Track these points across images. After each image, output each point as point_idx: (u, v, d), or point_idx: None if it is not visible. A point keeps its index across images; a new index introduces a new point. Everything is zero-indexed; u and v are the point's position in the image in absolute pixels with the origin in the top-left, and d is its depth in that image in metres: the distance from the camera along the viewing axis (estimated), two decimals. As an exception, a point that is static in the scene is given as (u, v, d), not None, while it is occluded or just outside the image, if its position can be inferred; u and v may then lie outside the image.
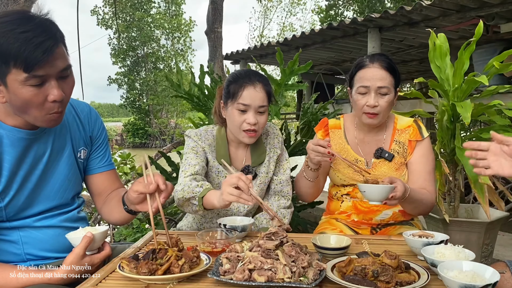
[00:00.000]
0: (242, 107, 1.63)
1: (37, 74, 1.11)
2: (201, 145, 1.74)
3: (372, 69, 1.71)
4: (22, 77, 1.10)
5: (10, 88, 1.13)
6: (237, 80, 1.66)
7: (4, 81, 1.12)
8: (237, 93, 1.64)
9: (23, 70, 1.09)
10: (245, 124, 1.64)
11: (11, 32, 1.08)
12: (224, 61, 7.19)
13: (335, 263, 1.17)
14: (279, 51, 2.71)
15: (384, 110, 1.72)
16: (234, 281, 1.07)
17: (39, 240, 1.33)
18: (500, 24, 4.06)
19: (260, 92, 1.64)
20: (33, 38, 1.09)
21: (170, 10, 27.77)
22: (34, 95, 1.14)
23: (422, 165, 1.77)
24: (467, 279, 1.00)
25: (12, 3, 3.64)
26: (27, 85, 1.12)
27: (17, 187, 1.27)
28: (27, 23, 1.10)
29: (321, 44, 5.33)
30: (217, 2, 7.14)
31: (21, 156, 1.27)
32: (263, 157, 1.79)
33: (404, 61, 6.42)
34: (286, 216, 1.81)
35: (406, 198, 1.58)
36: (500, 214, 2.54)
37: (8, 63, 1.09)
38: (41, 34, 1.10)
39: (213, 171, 1.75)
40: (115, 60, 27.68)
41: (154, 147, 24.81)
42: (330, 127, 1.91)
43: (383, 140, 1.83)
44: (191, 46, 28.83)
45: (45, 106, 1.18)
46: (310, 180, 1.75)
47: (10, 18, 1.11)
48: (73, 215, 1.43)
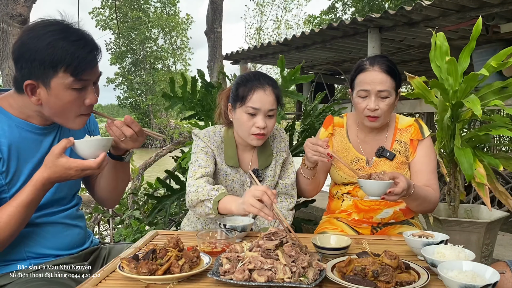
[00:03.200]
0: (251, 110, 1.61)
1: (82, 78, 1.23)
2: (210, 147, 1.73)
3: (372, 72, 1.71)
4: (68, 81, 1.21)
5: (53, 91, 1.22)
6: (246, 83, 1.64)
7: (48, 84, 1.21)
8: (247, 96, 1.62)
9: (70, 74, 1.20)
10: (254, 128, 1.62)
11: (63, 40, 1.19)
12: (224, 61, 7.19)
13: (335, 263, 1.17)
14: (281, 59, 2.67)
15: (384, 113, 1.73)
16: (234, 281, 1.06)
17: (40, 237, 1.35)
18: (500, 24, 4.06)
19: (270, 96, 1.62)
20: (85, 46, 1.22)
21: (166, 10, 27.78)
22: (76, 99, 1.25)
23: (426, 165, 1.78)
24: (467, 279, 1.00)
25: (12, 3, 3.64)
26: (71, 89, 1.22)
27: (24, 179, 1.29)
28: (74, 32, 1.23)
29: (321, 44, 5.32)
30: (216, 2, 7.14)
31: (33, 150, 1.32)
32: (270, 160, 1.79)
33: (404, 61, 6.42)
34: (287, 217, 1.81)
35: (411, 195, 1.58)
36: (500, 214, 2.53)
37: (57, 68, 1.19)
38: (89, 43, 1.24)
39: (220, 174, 1.74)
40: (113, 61, 27.68)
41: (154, 147, 24.79)
42: (334, 125, 1.92)
43: (384, 139, 1.83)
44: (188, 45, 28.83)
45: (80, 109, 1.28)
46: (307, 177, 1.76)
47: (58, 27, 1.22)
48: (72, 212, 1.46)
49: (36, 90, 1.23)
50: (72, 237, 1.42)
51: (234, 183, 1.75)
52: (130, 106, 28.23)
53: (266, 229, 1.42)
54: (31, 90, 1.23)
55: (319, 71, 7.17)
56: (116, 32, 26.03)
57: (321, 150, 1.57)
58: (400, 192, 1.49)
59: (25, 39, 1.20)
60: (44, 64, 1.18)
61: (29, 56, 1.19)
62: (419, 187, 1.64)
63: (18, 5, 3.65)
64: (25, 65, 1.20)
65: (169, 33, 27.91)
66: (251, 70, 2.02)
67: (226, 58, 6.95)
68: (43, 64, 1.18)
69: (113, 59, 27.71)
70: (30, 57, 1.18)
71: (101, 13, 26.99)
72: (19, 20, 3.66)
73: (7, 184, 1.27)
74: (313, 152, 1.60)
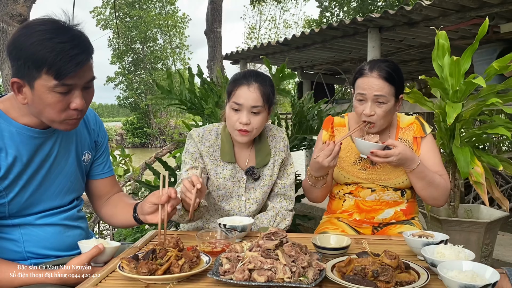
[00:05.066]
0: (235, 106, 1.64)
1: (66, 83, 1.17)
2: (200, 149, 1.74)
3: (370, 78, 1.71)
4: (51, 84, 1.16)
5: (36, 92, 1.18)
6: (235, 80, 1.69)
7: (32, 84, 1.17)
8: (231, 92, 1.67)
9: (53, 77, 1.15)
10: (237, 124, 1.64)
11: (49, 41, 1.14)
12: (224, 61, 7.18)
13: (335, 263, 1.17)
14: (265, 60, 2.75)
15: (381, 119, 1.74)
16: (234, 281, 1.07)
17: (40, 238, 1.34)
18: (500, 24, 4.06)
19: (253, 92, 1.63)
20: (69, 49, 1.15)
21: (165, 9, 27.75)
22: (58, 102, 1.20)
23: (431, 159, 1.79)
24: (467, 279, 1.00)
25: (12, 3, 3.64)
26: (54, 92, 1.18)
27: (22, 184, 1.29)
28: (64, 33, 1.17)
29: (321, 44, 5.32)
30: (216, 2, 7.14)
31: (32, 155, 1.30)
32: (268, 158, 1.79)
33: (404, 61, 6.41)
34: (287, 218, 1.81)
35: (414, 171, 1.67)
36: (500, 214, 2.54)
37: (41, 69, 1.14)
38: (76, 46, 1.16)
39: (211, 174, 1.75)
40: (112, 60, 27.67)
41: (154, 147, 24.81)
42: (335, 125, 1.93)
43: (387, 138, 1.83)
44: (186, 44, 28.80)
45: (66, 112, 1.23)
46: (321, 187, 1.79)
47: (48, 27, 1.17)
48: (73, 214, 1.45)
49: (22, 89, 1.20)
50: (73, 238, 1.41)
51: (226, 180, 1.75)
52: (130, 105, 28.21)
53: (266, 229, 1.42)
54: (18, 89, 1.20)
55: (319, 71, 7.16)
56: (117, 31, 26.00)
57: (336, 149, 1.61)
58: (383, 155, 1.61)
59: (16, 36, 1.17)
60: (28, 64, 1.14)
61: (16, 54, 1.15)
62: (427, 169, 1.70)
63: (18, 5, 3.64)
64: (13, 62, 1.17)
65: (168, 32, 27.88)
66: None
67: (226, 58, 6.94)
68: (27, 63, 1.14)
69: (113, 59, 27.69)
70: (16, 54, 1.15)
71: (102, 12, 26.98)
72: (19, 20, 3.66)
73: (5, 189, 1.25)
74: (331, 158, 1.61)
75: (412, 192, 1.85)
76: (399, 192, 1.82)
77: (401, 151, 1.61)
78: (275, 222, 1.77)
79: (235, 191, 1.77)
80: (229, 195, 1.76)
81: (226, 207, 1.77)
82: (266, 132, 1.83)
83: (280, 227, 1.77)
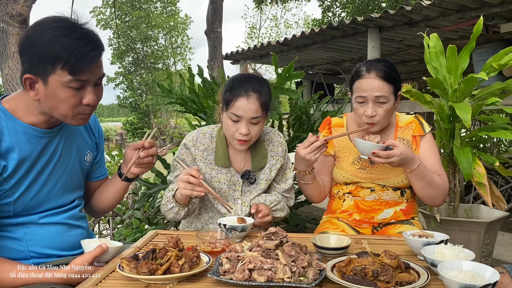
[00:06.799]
0: (234, 117, 1.62)
1: (80, 79, 1.20)
2: (193, 154, 1.74)
3: (368, 79, 1.71)
4: (66, 79, 1.19)
5: (50, 87, 1.20)
6: (232, 89, 1.64)
7: (46, 80, 1.19)
8: (230, 102, 1.62)
9: (68, 72, 1.18)
10: (237, 134, 1.63)
11: (64, 37, 1.17)
12: (224, 60, 7.18)
13: (335, 263, 1.17)
14: (274, 56, 2.68)
15: (383, 118, 1.74)
16: (234, 281, 1.07)
17: (43, 237, 1.35)
18: (500, 24, 4.05)
19: (253, 104, 1.60)
20: (84, 45, 1.18)
21: (166, 10, 27.74)
22: (72, 97, 1.22)
23: (431, 158, 1.79)
24: (467, 279, 1.00)
25: (12, 3, 3.64)
26: (68, 87, 1.20)
27: (28, 183, 1.29)
28: (78, 30, 1.21)
29: (321, 44, 5.32)
30: (216, 2, 7.15)
31: (38, 154, 1.31)
32: (264, 162, 1.78)
33: (404, 61, 6.41)
34: (284, 211, 1.80)
35: (414, 171, 1.66)
36: (500, 214, 2.54)
37: (56, 64, 1.17)
38: (90, 43, 1.21)
39: (206, 177, 1.74)
40: (113, 60, 27.65)
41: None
42: (332, 125, 1.92)
43: (386, 137, 1.83)
44: (189, 45, 28.82)
45: (78, 108, 1.26)
46: (308, 182, 1.76)
47: (62, 24, 1.20)
48: (76, 213, 1.46)
49: (35, 85, 1.22)
50: (75, 237, 1.42)
51: (221, 184, 1.74)
52: (130, 105, 28.20)
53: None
54: (30, 85, 1.22)
55: (319, 71, 7.16)
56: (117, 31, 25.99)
57: (318, 144, 1.60)
58: (386, 155, 1.59)
59: (30, 33, 1.20)
60: (43, 59, 1.16)
61: (30, 50, 1.18)
62: (426, 169, 1.70)
63: (18, 5, 3.64)
64: (26, 58, 1.20)
65: (169, 32, 27.87)
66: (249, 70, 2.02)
67: (226, 58, 6.93)
68: (42, 59, 1.17)
69: (113, 59, 27.67)
70: (31, 51, 1.18)
71: (102, 12, 26.96)
72: (19, 20, 3.66)
73: (11, 188, 1.26)
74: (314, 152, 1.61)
75: (411, 192, 1.85)
76: (399, 192, 1.82)
77: (403, 151, 1.61)
78: (275, 206, 1.76)
79: (230, 195, 1.76)
80: (225, 198, 1.75)
81: (222, 210, 1.75)
82: (262, 136, 1.82)
83: (275, 215, 1.77)
